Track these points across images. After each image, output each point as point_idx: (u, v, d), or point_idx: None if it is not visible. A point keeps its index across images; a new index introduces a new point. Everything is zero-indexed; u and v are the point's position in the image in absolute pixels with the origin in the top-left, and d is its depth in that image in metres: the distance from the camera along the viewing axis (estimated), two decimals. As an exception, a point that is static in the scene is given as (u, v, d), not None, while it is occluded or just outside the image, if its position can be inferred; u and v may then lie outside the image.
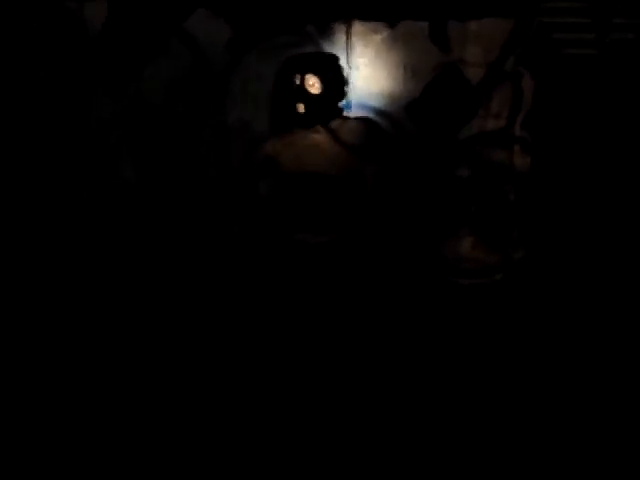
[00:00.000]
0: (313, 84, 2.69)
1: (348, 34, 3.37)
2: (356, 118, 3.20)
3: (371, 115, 3.41)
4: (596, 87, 3.36)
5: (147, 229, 3.55)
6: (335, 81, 2.76)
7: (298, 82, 2.69)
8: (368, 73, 3.39)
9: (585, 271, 3.41)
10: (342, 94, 2.78)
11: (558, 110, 3.39)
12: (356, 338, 3.00)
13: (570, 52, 3.36)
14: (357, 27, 3.36)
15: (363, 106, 3.38)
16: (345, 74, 2.83)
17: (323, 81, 2.69)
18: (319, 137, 2.79)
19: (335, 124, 2.94)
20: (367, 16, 3.35)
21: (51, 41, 3.39)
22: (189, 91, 3.45)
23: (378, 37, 3.38)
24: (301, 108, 2.70)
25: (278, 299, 3.02)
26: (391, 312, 3.31)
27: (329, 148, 2.72)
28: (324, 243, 2.78)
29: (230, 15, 3.36)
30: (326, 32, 3.36)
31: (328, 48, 3.35)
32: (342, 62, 3.22)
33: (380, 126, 3.31)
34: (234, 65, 3.42)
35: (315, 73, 2.69)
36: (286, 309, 2.97)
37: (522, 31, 3.33)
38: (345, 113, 3.18)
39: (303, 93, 2.68)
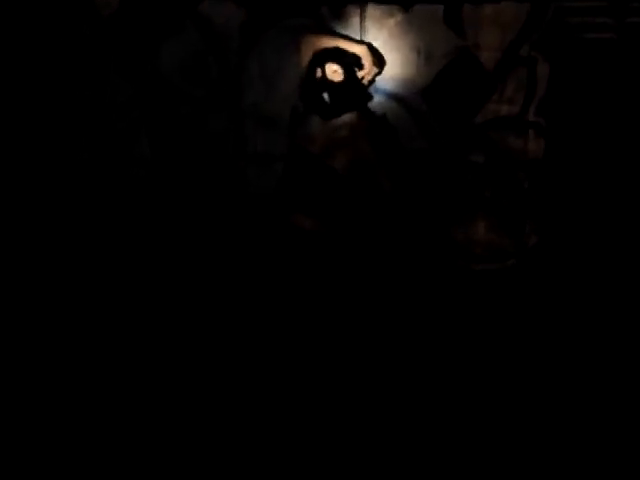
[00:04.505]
0: (335, 71, 2.63)
1: (362, 17, 3.34)
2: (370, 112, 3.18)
3: (385, 99, 3.40)
4: (612, 71, 3.34)
5: (162, 208, 3.55)
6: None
7: (320, 74, 2.62)
8: (382, 57, 3.38)
9: (598, 258, 3.40)
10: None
11: (573, 95, 3.37)
12: (367, 323, 3.00)
13: (586, 36, 3.33)
14: (371, 10, 3.34)
15: (377, 90, 3.36)
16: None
17: (344, 68, 2.64)
18: (348, 124, 2.74)
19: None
20: (381, -1, 3.33)
21: (67, 24, 3.37)
22: (204, 73, 3.43)
23: (392, 21, 3.35)
24: (326, 97, 2.64)
25: (287, 284, 3.01)
26: (404, 296, 3.30)
27: (350, 136, 2.69)
28: (336, 228, 2.77)
29: (244, -2, 3.34)
30: (340, 15, 3.34)
31: (342, 31, 3.33)
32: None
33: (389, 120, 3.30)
34: (248, 48, 3.41)
35: (335, 60, 2.63)
36: (296, 294, 2.97)
37: (538, 15, 3.30)
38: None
39: (326, 83, 2.62)
